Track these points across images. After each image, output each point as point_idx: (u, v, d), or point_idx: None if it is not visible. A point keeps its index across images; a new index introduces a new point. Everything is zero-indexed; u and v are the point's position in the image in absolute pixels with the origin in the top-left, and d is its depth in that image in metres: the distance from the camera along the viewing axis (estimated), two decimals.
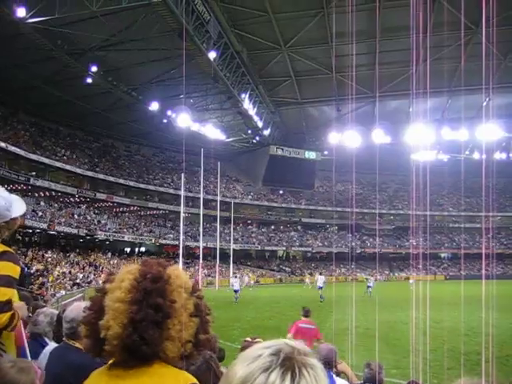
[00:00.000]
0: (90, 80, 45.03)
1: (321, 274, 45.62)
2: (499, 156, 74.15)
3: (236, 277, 42.76)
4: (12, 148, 45.22)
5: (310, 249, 75.14)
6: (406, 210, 76.92)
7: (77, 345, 3.23)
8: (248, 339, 4.07)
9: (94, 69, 43.65)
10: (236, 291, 34.66)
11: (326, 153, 75.32)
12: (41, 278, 34.85)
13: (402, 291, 33.51)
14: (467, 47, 43.74)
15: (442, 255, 78.48)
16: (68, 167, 52.59)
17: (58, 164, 51.26)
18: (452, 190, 78.45)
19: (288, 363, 0.97)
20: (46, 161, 49.77)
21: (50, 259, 42.49)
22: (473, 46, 43.15)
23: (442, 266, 75.13)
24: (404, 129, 63.95)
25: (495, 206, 67.57)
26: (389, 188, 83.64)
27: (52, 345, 3.94)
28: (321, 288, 36.38)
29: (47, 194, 51.05)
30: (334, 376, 4.30)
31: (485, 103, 53.52)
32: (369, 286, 38.64)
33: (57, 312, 4.38)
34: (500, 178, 69.79)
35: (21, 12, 31.90)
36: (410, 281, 35.37)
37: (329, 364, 4.48)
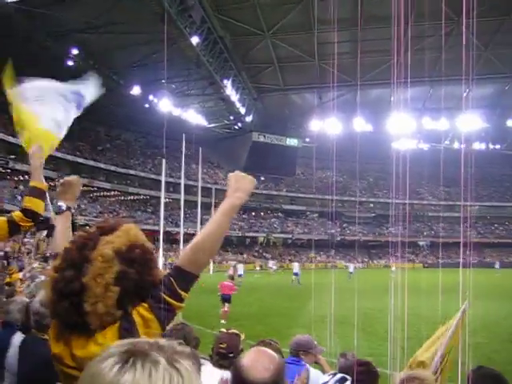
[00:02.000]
0: (70, 63, 44.45)
1: (292, 261, 46.63)
2: (478, 146, 75.08)
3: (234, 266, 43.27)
4: None
5: (291, 235, 75.45)
6: (386, 199, 77.48)
7: (45, 336, 3.23)
8: (223, 330, 3.99)
9: (74, 52, 43.11)
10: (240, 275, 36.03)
11: (307, 140, 75.52)
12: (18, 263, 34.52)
13: (380, 279, 33.83)
14: (449, 38, 44.00)
15: (421, 243, 79.34)
16: None
17: None
18: (431, 180, 79.14)
19: (127, 355, 0.94)
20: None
21: (27, 245, 42.12)
22: (454, 37, 43.39)
23: (420, 255, 76.03)
24: (385, 118, 64.34)
25: (473, 195, 68.41)
26: (369, 176, 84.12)
27: (18, 335, 3.92)
28: (296, 274, 37.14)
29: (26, 177, 50.42)
30: (307, 365, 4.36)
31: (465, 94, 53.93)
32: (350, 272, 41.17)
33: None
34: (479, 168, 70.58)
35: None
36: (392, 268, 35.68)
37: (299, 353, 4.55)
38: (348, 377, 3.88)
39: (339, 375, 4.01)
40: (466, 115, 61.97)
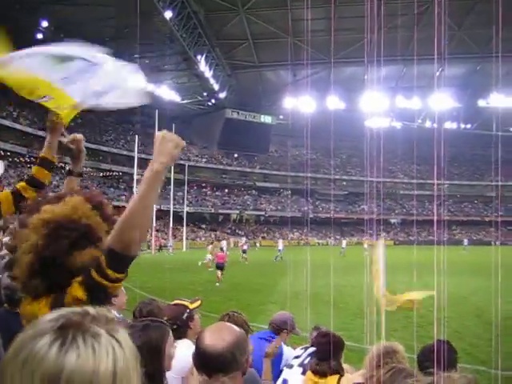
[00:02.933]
0: (40, 36, 43.48)
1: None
2: (450, 125, 76.00)
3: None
4: None
5: (264, 213, 75.74)
6: (359, 176, 78.09)
7: (18, 310, 3.22)
8: (178, 300, 3.89)
9: (44, 24, 42.15)
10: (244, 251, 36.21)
11: (281, 117, 75.48)
12: None
13: (353, 256, 34.23)
14: (422, 17, 44.14)
15: (393, 221, 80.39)
16: (18, 126, 51.08)
17: (7, 123, 49.70)
18: (404, 158, 79.92)
19: (64, 330, 0.86)
20: None
21: None
22: (428, 16, 43.56)
23: (392, 232, 77.05)
24: (359, 96, 64.58)
25: (444, 174, 69.41)
26: (342, 154, 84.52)
27: None
28: (280, 251, 37.99)
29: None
30: (282, 344, 4.42)
31: (438, 73, 54.36)
32: (343, 248, 43.30)
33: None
34: (450, 148, 71.49)
35: None
36: (365, 245, 36.12)
37: (278, 329, 4.61)
38: None
39: (311, 349, 4.08)
40: (438, 94, 62.57)
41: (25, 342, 0.86)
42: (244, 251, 36.21)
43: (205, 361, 1.99)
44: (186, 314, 3.68)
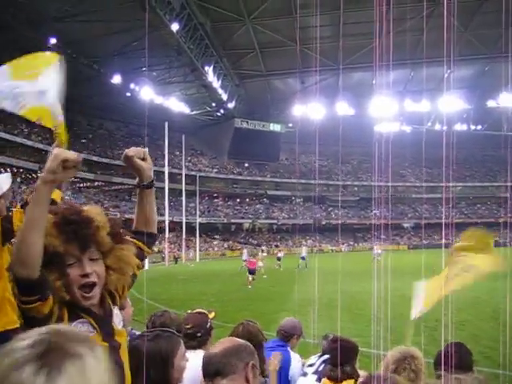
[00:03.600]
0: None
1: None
2: (460, 127, 75.57)
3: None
4: None
5: (276, 221, 75.64)
6: (370, 182, 77.80)
7: None
8: (189, 312, 3.91)
9: (53, 41, 42.51)
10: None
11: (290, 125, 75.51)
12: None
13: (367, 262, 34.01)
14: (429, 20, 44.09)
15: (405, 225, 79.94)
16: (29, 143, 51.51)
17: (18, 139, 50.14)
18: (414, 161, 79.55)
19: (47, 356, 0.81)
20: (7, 136, 48.64)
21: None
22: (435, 19, 43.49)
23: (405, 236, 76.62)
24: (368, 101, 64.46)
25: (456, 176, 69.05)
26: (353, 160, 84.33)
27: None
28: (303, 258, 37.57)
29: (8, 170, 49.94)
30: (290, 351, 4.41)
31: (446, 75, 54.21)
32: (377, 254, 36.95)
33: None
34: (461, 149, 71.08)
35: None
36: (377, 251, 35.74)
37: (287, 337, 4.59)
38: None
39: (325, 356, 4.07)
40: (447, 97, 62.31)
41: (5, 374, 0.79)
42: (279, 258, 38.22)
43: (204, 367, 2.08)
44: (208, 323, 3.69)
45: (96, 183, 61.37)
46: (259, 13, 46.98)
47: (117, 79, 51.46)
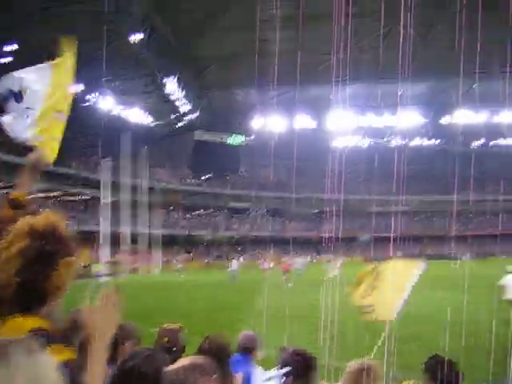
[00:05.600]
0: (5, 60, 43.03)
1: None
2: (419, 142, 77.41)
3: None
4: None
5: (235, 233, 75.58)
6: (327, 195, 78.27)
7: None
8: (162, 326, 3.93)
9: (11, 48, 41.80)
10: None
11: (252, 137, 75.84)
12: None
13: (323, 274, 34.35)
14: (387, 37, 45.15)
15: (361, 238, 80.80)
16: None
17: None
18: (370, 175, 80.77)
19: None
20: None
21: None
22: (393, 36, 44.54)
23: (359, 249, 77.38)
24: (326, 115, 65.40)
25: (412, 190, 70.46)
26: (310, 173, 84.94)
27: None
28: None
29: None
30: (251, 365, 4.47)
31: (399, 93, 55.62)
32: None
33: None
34: (419, 164, 72.51)
35: None
36: (330, 263, 36.16)
37: (247, 351, 4.65)
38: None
39: (285, 368, 4.14)
40: (404, 112, 63.79)
41: None
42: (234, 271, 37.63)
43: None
44: (182, 337, 3.71)
45: (51, 193, 60.15)
46: (221, 26, 47.23)
47: (75, 89, 50.88)
